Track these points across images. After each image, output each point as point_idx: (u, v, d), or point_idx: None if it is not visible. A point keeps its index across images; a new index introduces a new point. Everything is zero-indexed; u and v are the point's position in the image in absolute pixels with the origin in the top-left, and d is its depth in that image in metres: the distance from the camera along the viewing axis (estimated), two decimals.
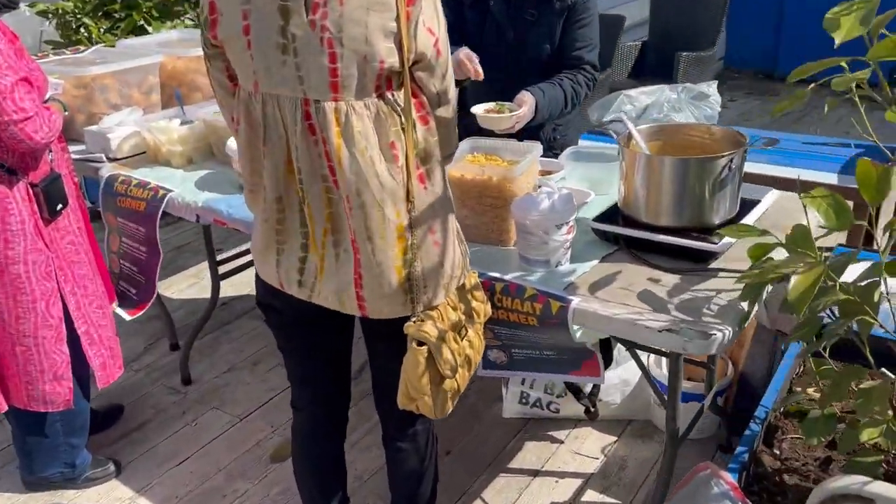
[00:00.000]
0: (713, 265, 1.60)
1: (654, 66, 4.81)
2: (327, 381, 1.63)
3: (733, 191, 1.63)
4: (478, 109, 2.05)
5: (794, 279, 1.12)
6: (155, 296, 2.36)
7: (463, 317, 1.43)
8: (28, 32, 4.10)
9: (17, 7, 1.98)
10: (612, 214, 1.75)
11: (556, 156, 2.43)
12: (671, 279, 1.57)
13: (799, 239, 1.23)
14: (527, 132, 2.12)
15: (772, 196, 1.82)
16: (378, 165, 1.27)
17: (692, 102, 3.55)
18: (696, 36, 4.68)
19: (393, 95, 1.26)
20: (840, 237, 1.81)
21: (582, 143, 3.47)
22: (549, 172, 2.18)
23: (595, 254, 1.71)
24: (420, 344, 1.34)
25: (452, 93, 1.35)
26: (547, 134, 2.37)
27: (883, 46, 1.00)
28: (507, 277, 1.62)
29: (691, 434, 2.15)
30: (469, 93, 2.43)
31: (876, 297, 1.16)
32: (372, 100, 1.25)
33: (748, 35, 7.38)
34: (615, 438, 2.32)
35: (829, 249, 1.30)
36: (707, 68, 4.61)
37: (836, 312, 1.23)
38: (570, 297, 1.52)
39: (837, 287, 1.15)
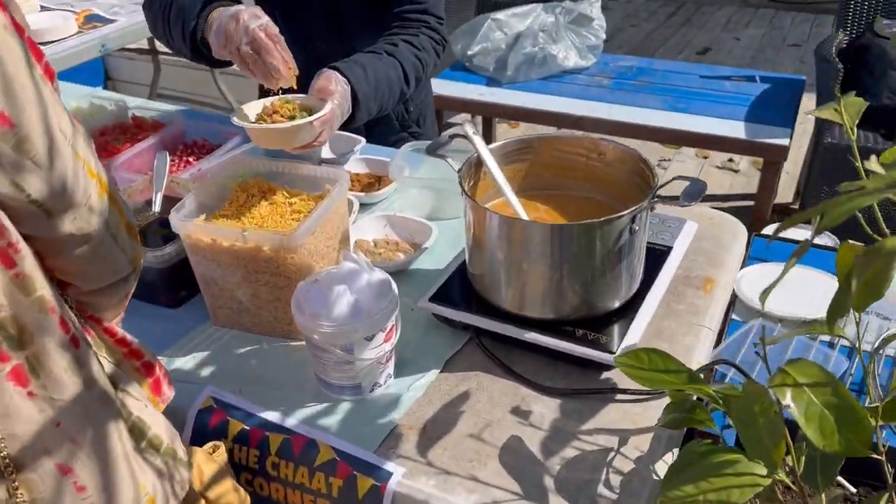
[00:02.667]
0: (608, 375, 1.04)
1: None
2: None
3: (637, 256, 1.05)
4: (247, 112, 1.20)
5: None
6: None
7: None
8: None
9: None
10: (461, 284, 1.14)
11: (414, 136, 1.76)
12: (547, 409, 1.00)
13: None
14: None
15: (688, 232, 1.26)
16: None
17: (572, 28, 2.91)
18: None
19: None
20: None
21: (438, 88, 2.81)
22: (378, 180, 1.54)
23: (435, 353, 1.10)
24: None
25: (82, 181, 0.66)
26: (395, 109, 1.67)
27: None
28: (289, 424, 1.00)
29: None
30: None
31: None
32: None
33: None
34: None
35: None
36: None
37: None
38: (388, 469, 0.93)
39: None
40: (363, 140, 1.57)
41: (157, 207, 1.28)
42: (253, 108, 1.22)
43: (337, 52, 1.54)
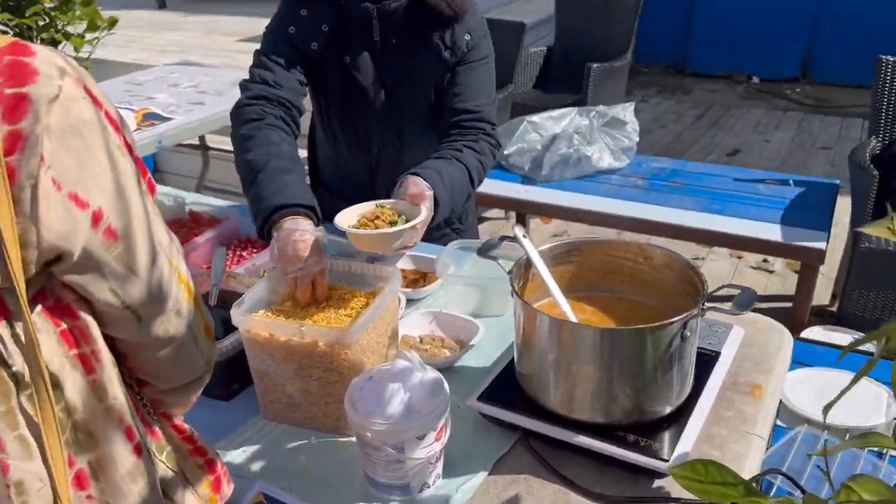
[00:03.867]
0: (661, 483, 1.03)
1: (561, 75, 4.26)
2: None
3: (688, 362, 1.06)
4: (345, 221, 1.25)
5: None
6: None
7: None
8: None
9: None
10: (509, 384, 1.15)
11: (456, 232, 1.81)
12: None
13: None
14: None
15: (736, 338, 1.26)
16: None
17: (606, 131, 3.00)
18: (607, 42, 4.15)
19: (13, 329, 0.62)
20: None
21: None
22: (424, 277, 1.57)
23: (483, 454, 1.10)
24: None
25: (174, 289, 0.70)
26: None
27: None
28: None
29: None
30: (329, 175, 1.77)
31: None
32: None
33: (657, 28, 6.98)
34: None
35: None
36: (620, 77, 4.10)
37: None
38: None
39: None
40: None
41: (213, 300, 1.33)
42: (352, 213, 1.28)
43: (391, 155, 1.62)
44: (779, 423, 1.69)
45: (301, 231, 1.20)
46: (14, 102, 0.56)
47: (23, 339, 0.61)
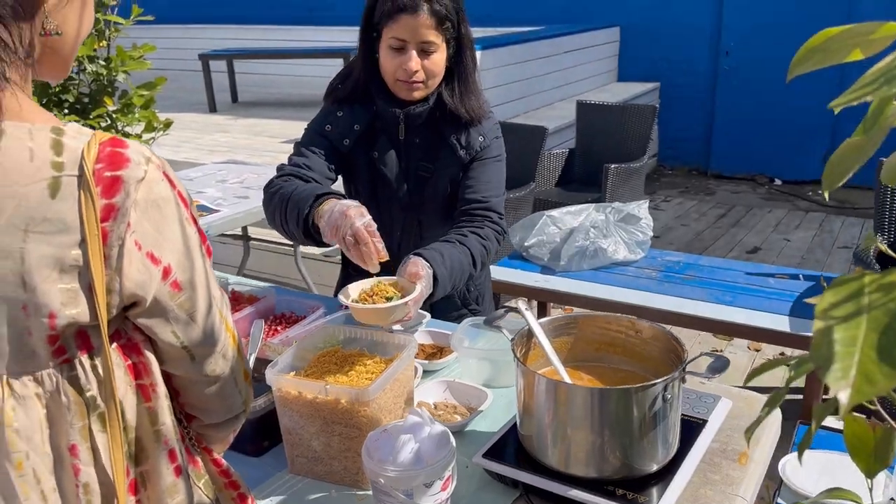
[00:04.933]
0: None
1: (581, 175, 4.49)
2: None
3: (672, 423, 1.17)
4: (346, 296, 1.41)
5: None
6: None
7: None
8: None
9: None
10: (512, 443, 1.27)
11: (473, 313, 1.96)
12: None
13: None
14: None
15: (723, 408, 1.37)
16: (46, 482, 0.76)
17: (621, 226, 3.17)
18: (625, 145, 4.39)
19: (93, 361, 0.78)
20: None
21: (498, 275, 3.06)
22: (441, 350, 1.71)
23: None
24: None
25: (222, 335, 0.87)
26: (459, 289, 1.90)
27: None
28: None
29: None
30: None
31: None
32: (49, 372, 0.76)
33: (680, 132, 7.27)
34: None
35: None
36: (637, 178, 4.31)
37: None
38: None
39: None
40: (428, 315, 1.77)
41: (250, 367, 1.48)
42: (354, 289, 1.44)
43: (412, 239, 1.80)
44: (781, 501, 1.75)
45: (345, 207, 1.42)
46: (111, 182, 0.74)
47: (100, 370, 0.77)
